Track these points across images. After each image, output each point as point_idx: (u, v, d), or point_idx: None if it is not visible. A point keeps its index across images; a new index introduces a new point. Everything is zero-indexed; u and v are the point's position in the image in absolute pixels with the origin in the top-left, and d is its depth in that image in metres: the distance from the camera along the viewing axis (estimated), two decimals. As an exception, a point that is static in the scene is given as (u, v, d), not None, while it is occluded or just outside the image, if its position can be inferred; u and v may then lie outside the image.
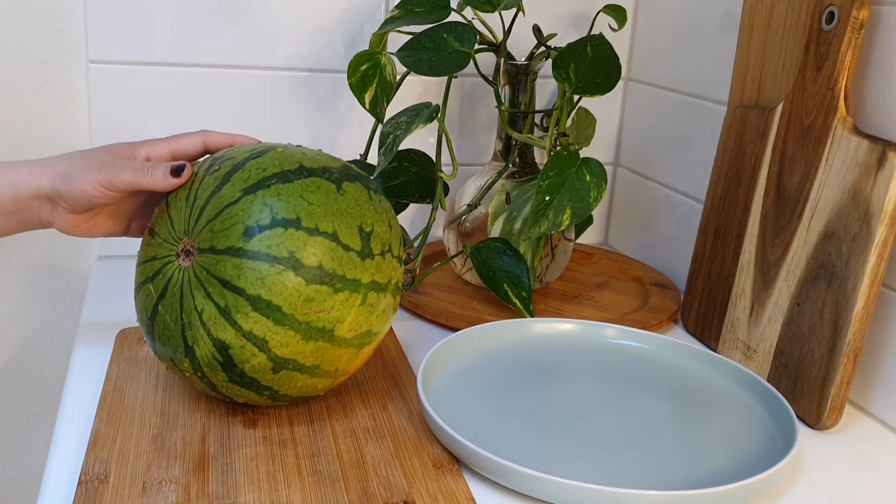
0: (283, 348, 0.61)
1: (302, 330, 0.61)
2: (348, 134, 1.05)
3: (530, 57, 0.93)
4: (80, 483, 0.58)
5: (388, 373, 0.76)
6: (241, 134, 0.73)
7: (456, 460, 0.63)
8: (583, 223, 1.01)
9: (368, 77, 0.84)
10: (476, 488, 0.61)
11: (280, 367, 0.62)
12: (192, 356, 0.62)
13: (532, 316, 0.85)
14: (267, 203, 0.61)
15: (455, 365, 0.76)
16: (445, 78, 0.90)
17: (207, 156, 0.71)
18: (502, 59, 0.91)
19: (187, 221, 0.63)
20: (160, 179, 0.66)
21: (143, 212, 0.74)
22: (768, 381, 0.77)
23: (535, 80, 0.92)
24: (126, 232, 0.74)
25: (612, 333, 0.83)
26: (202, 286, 0.61)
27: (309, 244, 0.61)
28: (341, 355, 0.64)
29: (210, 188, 0.63)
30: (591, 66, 0.84)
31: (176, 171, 0.65)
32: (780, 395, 0.70)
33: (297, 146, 0.68)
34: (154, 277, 0.63)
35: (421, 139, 1.04)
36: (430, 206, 0.88)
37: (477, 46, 0.85)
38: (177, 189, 0.66)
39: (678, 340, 0.81)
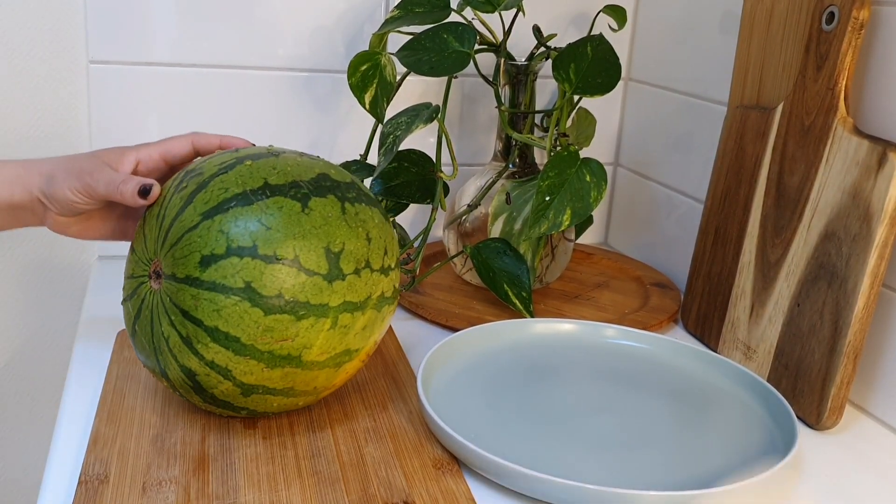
0: (247, 376, 0.60)
1: (265, 359, 0.59)
2: (348, 134, 1.05)
3: (530, 57, 0.93)
4: (80, 483, 0.58)
5: (388, 373, 0.76)
6: (232, 135, 0.72)
7: (456, 461, 0.63)
8: (583, 223, 1.01)
9: (368, 77, 0.84)
10: (476, 489, 0.61)
11: (250, 392, 0.61)
12: (167, 377, 0.62)
13: (532, 316, 0.85)
14: (223, 230, 0.58)
15: (455, 365, 0.76)
16: (445, 78, 0.90)
17: (186, 167, 0.66)
18: (502, 60, 0.91)
19: (157, 241, 0.61)
20: (129, 197, 0.64)
21: (138, 215, 0.73)
22: (768, 381, 0.77)
23: (535, 80, 0.92)
24: (123, 236, 0.74)
25: (613, 334, 0.83)
26: (167, 314, 0.60)
27: (266, 273, 0.58)
28: (316, 376, 0.63)
29: (175, 209, 0.61)
30: (592, 66, 0.84)
31: (143, 193, 0.64)
32: (780, 395, 0.70)
33: (276, 153, 0.65)
34: (132, 296, 0.63)
35: (421, 139, 1.04)
36: (430, 206, 0.88)
37: (477, 47, 0.85)
38: (153, 205, 0.64)
39: (678, 341, 0.81)
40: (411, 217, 1.09)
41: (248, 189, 0.60)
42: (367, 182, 0.91)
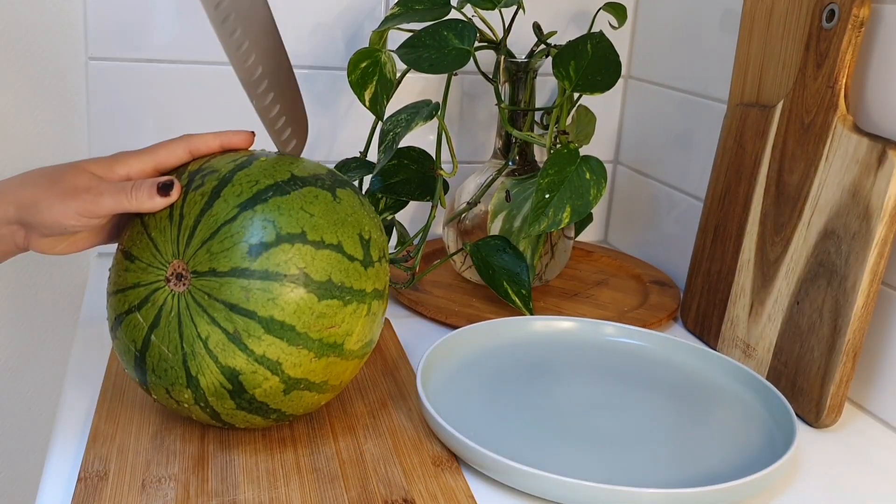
0: (295, 368, 0.59)
1: (315, 347, 0.59)
2: (348, 131, 1.05)
3: (530, 55, 0.92)
4: (79, 480, 0.58)
5: (388, 371, 0.76)
6: (229, 130, 0.66)
7: (455, 458, 0.63)
8: (582, 221, 1.01)
9: (368, 74, 0.84)
10: (475, 486, 0.61)
11: (291, 388, 0.60)
12: (196, 386, 0.58)
13: (531, 314, 0.85)
14: (268, 218, 0.58)
15: (454, 363, 0.76)
16: (445, 75, 0.90)
17: (187, 168, 0.64)
18: (502, 57, 0.91)
19: (175, 243, 0.59)
20: (145, 200, 0.59)
21: (130, 216, 0.67)
22: (767, 379, 0.77)
23: (535, 77, 0.92)
24: (115, 239, 0.68)
25: (612, 331, 0.83)
26: (205, 312, 0.57)
27: (317, 258, 0.58)
28: (347, 368, 0.63)
29: (198, 205, 0.59)
30: (592, 63, 0.84)
31: (164, 189, 0.59)
32: (779, 393, 0.70)
33: (275, 153, 0.65)
34: (141, 306, 0.59)
35: (421, 136, 1.04)
36: (429, 203, 0.88)
37: (477, 44, 0.85)
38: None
39: (677, 339, 0.81)
40: (411, 214, 1.09)
41: (280, 180, 0.60)
42: (367, 179, 0.91)
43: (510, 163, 0.93)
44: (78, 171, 0.62)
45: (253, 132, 0.66)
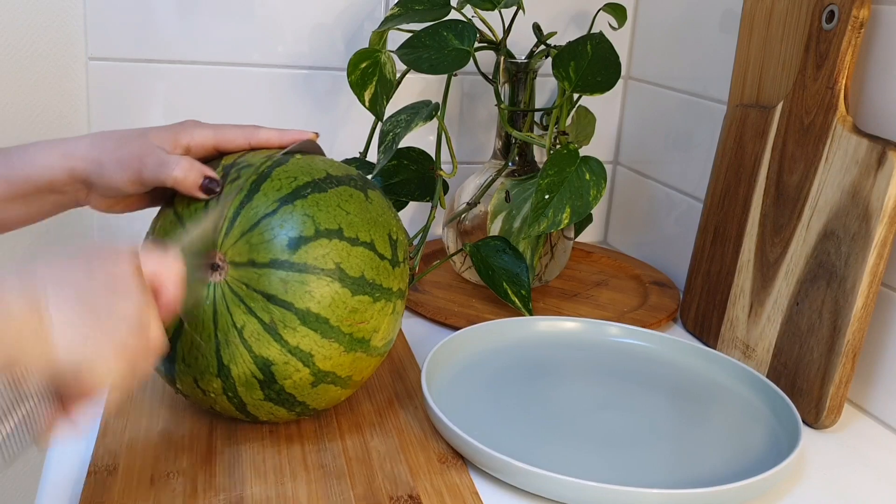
0: (325, 361, 0.60)
1: (345, 342, 0.60)
2: (348, 132, 1.05)
3: (530, 55, 0.92)
4: (89, 474, 0.58)
5: (395, 370, 0.77)
6: (293, 130, 0.68)
7: (460, 456, 0.64)
8: (582, 222, 1.01)
9: (368, 75, 0.84)
10: (480, 483, 0.61)
11: (319, 381, 0.61)
12: (227, 375, 0.59)
13: (531, 314, 0.85)
14: (308, 213, 0.59)
15: (459, 362, 0.76)
16: (445, 76, 0.90)
17: (221, 161, 0.65)
18: (502, 58, 0.91)
19: (212, 234, 0.60)
20: (190, 183, 0.60)
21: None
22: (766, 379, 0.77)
23: (535, 78, 0.92)
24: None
25: (616, 332, 0.83)
26: (242, 302, 0.58)
27: (352, 254, 0.60)
28: (370, 364, 0.64)
29: (237, 198, 0.60)
30: (591, 64, 0.84)
31: (207, 190, 0.61)
32: (784, 395, 0.70)
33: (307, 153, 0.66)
34: None
35: (420, 137, 1.04)
36: (429, 204, 0.88)
37: (477, 44, 0.85)
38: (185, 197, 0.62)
39: (681, 339, 0.81)
40: (411, 215, 1.09)
41: (317, 178, 0.61)
42: (367, 180, 0.91)
43: (510, 163, 0.93)
44: (140, 139, 0.64)
45: (317, 133, 0.68)
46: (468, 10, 0.87)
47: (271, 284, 0.58)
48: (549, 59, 0.93)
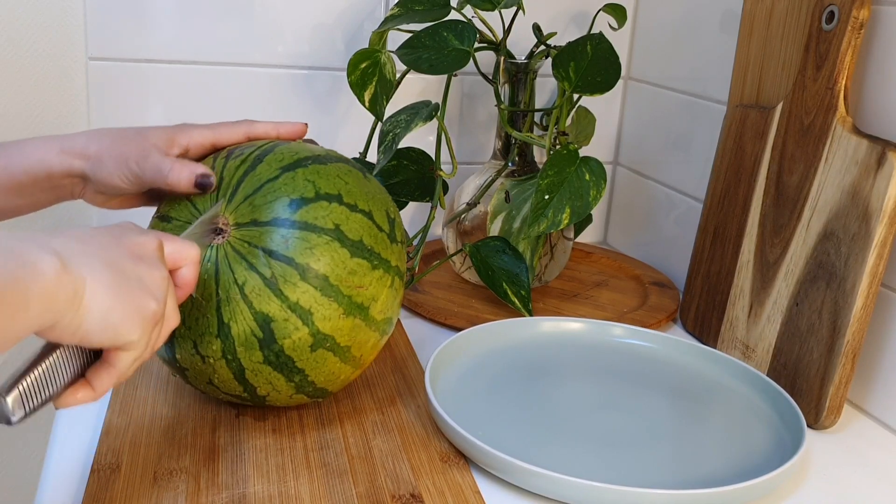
0: (325, 322, 0.61)
1: (344, 304, 0.61)
2: (348, 132, 1.05)
3: (530, 55, 0.93)
4: (92, 472, 0.59)
5: (397, 368, 0.77)
6: (288, 121, 0.70)
7: (463, 455, 0.64)
8: (582, 222, 1.01)
9: (368, 75, 0.84)
10: (482, 482, 0.61)
11: (318, 345, 0.61)
12: (227, 335, 0.60)
13: (531, 315, 0.85)
14: (308, 179, 0.62)
15: (463, 362, 0.76)
16: (445, 76, 0.90)
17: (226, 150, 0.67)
18: (502, 58, 0.91)
19: (213, 201, 0.63)
20: (184, 184, 0.62)
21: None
22: (767, 380, 0.77)
23: (535, 78, 0.92)
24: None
25: (620, 332, 0.83)
26: (243, 259, 0.60)
27: (351, 219, 0.62)
28: (369, 339, 0.64)
29: (240, 170, 0.63)
30: (591, 64, 0.84)
31: (201, 186, 0.62)
32: (788, 395, 0.70)
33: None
34: None
35: (420, 137, 1.04)
36: (429, 204, 0.88)
37: (477, 45, 0.85)
38: None
39: (685, 340, 0.81)
40: (410, 215, 1.09)
41: (318, 154, 0.65)
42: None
43: (510, 164, 0.93)
44: (138, 137, 0.65)
45: (306, 123, 0.71)
46: (468, 11, 0.87)
47: (273, 240, 0.60)
48: (549, 59, 0.93)
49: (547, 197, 0.80)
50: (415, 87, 1.04)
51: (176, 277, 0.55)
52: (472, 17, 0.89)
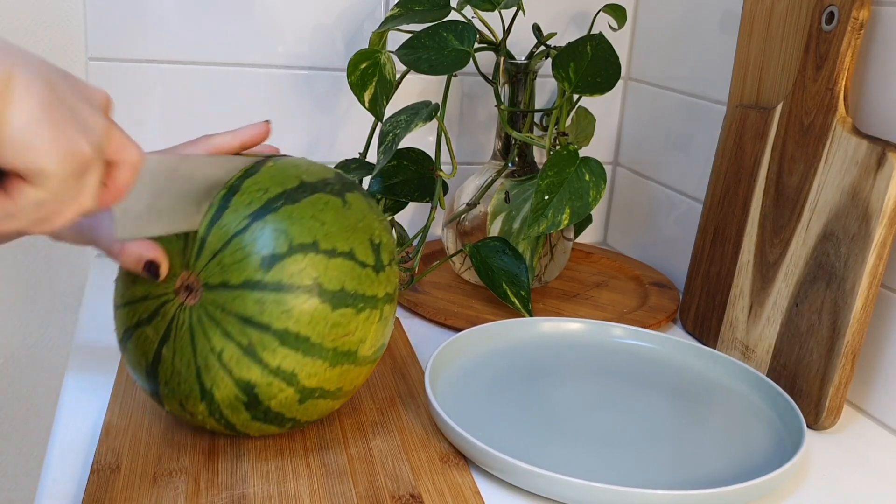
0: (311, 378, 0.58)
1: (330, 357, 0.58)
2: (348, 132, 1.05)
3: (530, 56, 0.93)
4: (92, 472, 0.58)
5: (397, 369, 0.77)
6: (247, 126, 0.64)
7: (462, 456, 0.64)
8: (582, 222, 1.01)
9: (368, 75, 0.84)
10: (482, 483, 0.61)
11: (307, 398, 0.59)
12: (210, 399, 0.58)
13: (531, 315, 0.85)
14: (280, 228, 0.57)
15: (463, 363, 0.76)
16: (445, 76, 0.90)
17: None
18: (502, 58, 0.91)
19: (182, 254, 0.58)
20: (133, 269, 0.58)
21: None
22: (767, 380, 0.77)
23: (535, 79, 0.92)
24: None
25: (620, 333, 0.83)
26: (218, 325, 0.56)
27: (330, 267, 0.57)
28: (361, 374, 0.62)
29: (207, 216, 0.57)
30: (591, 65, 0.84)
31: (149, 270, 0.57)
32: (788, 396, 0.70)
33: (280, 157, 0.63)
34: (151, 319, 0.58)
35: (420, 138, 1.04)
36: (429, 204, 0.88)
37: (477, 45, 0.85)
38: None
39: (685, 341, 0.81)
40: (410, 215, 1.09)
41: (289, 188, 0.59)
42: (366, 180, 0.91)
43: (510, 164, 0.93)
44: None
45: (268, 121, 0.65)
46: (468, 11, 0.87)
47: (246, 306, 0.56)
48: (549, 59, 0.93)
49: (547, 197, 0.80)
50: (415, 88, 1.04)
51: (111, 173, 0.47)
52: (472, 17, 0.89)
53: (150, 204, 0.55)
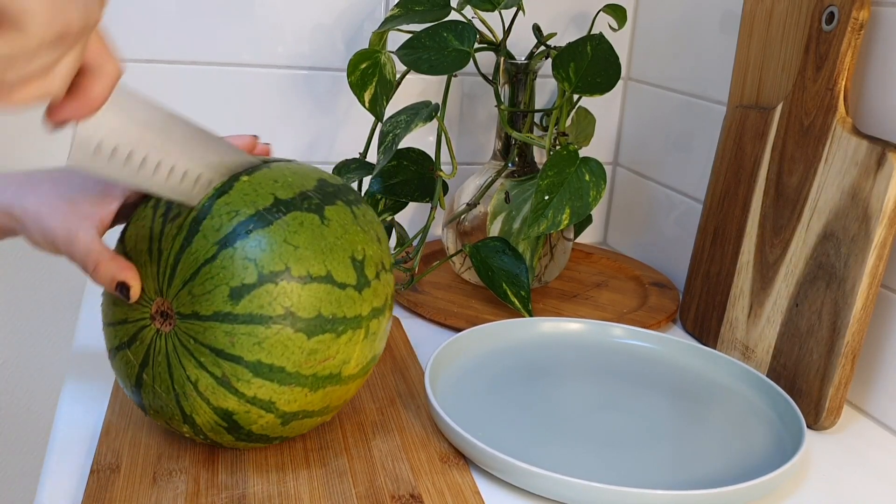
0: (291, 404, 0.57)
1: (308, 383, 0.57)
2: (348, 132, 1.05)
3: (530, 56, 0.93)
4: (92, 472, 0.58)
5: (397, 369, 0.77)
6: (231, 136, 0.62)
7: (462, 455, 0.64)
8: (582, 222, 1.01)
9: (368, 75, 0.84)
10: (482, 482, 0.61)
11: (289, 421, 0.58)
12: (193, 423, 0.57)
13: (531, 315, 0.85)
14: (249, 257, 0.54)
15: (463, 363, 0.76)
16: (445, 77, 0.90)
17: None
18: (502, 58, 0.91)
19: (157, 279, 0.56)
20: (106, 284, 0.56)
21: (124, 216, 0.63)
22: (767, 381, 0.77)
23: (535, 79, 0.92)
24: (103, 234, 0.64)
25: (620, 333, 0.83)
26: (192, 356, 0.55)
27: (304, 294, 0.55)
28: (349, 389, 0.61)
29: (177, 240, 0.55)
30: (591, 65, 0.84)
31: (121, 290, 0.56)
32: (788, 396, 0.70)
33: (264, 161, 0.61)
34: (131, 343, 0.57)
35: (420, 138, 1.04)
36: (429, 204, 0.88)
37: (477, 45, 0.85)
38: (132, 235, 0.58)
39: (685, 341, 0.81)
40: (410, 215, 1.09)
41: (261, 208, 0.56)
42: (366, 180, 0.91)
43: (510, 164, 0.93)
44: (68, 211, 0.58)
45: (255, 136, 0.64)
46: (468, 11, 0.87)
47: (217, 339, 0.54)
48: (549, 60, 0.93)
49: (547, 197, 0.80)
50: (415, 88, 1.04)
51: (85, 81, 0.45)
52: (472, 17, 0.89)
53: (116, 144, 0.52)
